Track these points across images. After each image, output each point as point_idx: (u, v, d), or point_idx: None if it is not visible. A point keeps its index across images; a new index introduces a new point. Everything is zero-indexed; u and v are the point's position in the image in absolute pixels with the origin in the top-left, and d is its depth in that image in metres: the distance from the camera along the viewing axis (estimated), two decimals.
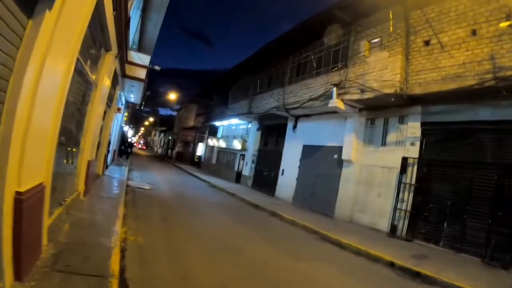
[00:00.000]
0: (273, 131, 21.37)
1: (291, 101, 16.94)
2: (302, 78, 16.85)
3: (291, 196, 17.22)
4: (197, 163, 38.43)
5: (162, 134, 75.50)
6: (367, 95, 12.52)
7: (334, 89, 13.68)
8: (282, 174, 18.60)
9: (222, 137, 30.70)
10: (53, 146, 4.69)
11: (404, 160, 11.69)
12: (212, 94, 33.47)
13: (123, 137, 32.94)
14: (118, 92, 16.12)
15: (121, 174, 17.25)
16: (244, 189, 20.82)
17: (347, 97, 13.33)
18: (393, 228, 11.52)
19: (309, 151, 16.81)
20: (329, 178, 14.98)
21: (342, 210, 13.84)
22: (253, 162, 22.74)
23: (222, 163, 29.89)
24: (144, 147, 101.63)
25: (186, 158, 44.25)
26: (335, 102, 13.45)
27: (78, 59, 5.40)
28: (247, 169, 23.37)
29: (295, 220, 12.00)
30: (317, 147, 16.26)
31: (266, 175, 20.85)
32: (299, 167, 17.24)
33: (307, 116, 17.42)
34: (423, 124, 11.49)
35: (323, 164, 15.62)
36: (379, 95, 11.99)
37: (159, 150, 74.67)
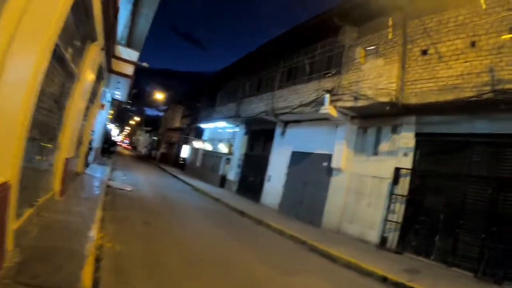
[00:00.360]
0: (260, 136, 20.95)
1: (281, 106, 16.55)
2: (293, 83, 16.48)
3: (277, 203, 16.77)
4: (181, 165, 37.72)
5: (147, 135, 74.37)
6: (361, 103, 12.19)
7: (327, 95, 13.34)
8: (269, 180, 18.15)
9: (208, 140, 30.12)
10: (21, 140, 4.09)
11: (397, 170, 11.38)
12: (200, 96, 32.90)
13: (106, 135, 32.06)
14: (103, 88, 15.49)
15: (103, 173, 16.53)
16: (229, 194, 20.31)
17: (340, 104, 12.98)
18: (383, 240, 11.17)
19: (297, 158, 16.41)
20: (317, 186, 14.60)
21: (330, 219, 13.45)
22: (238, 166, 22.24)
23: (207, 167, 29.29)
24: (129, 147, 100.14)
25: (170, 160, 43.48)
26: (327, 109, 13.10)
27: (57, 45, 4.86)
28: (232, 174, 22.86)
29: (282, 229, 11.55)
30: (306, 154, 15.87)
31: (251, 180, 20.37)
32: (286, 174, 16.83)
33: (297, 122, 17.04)
34: (417, 134, 11.20)
35: (312, 171, 15.24)
36: (374, 103, 11.67)
37: (143, 151, 73.51)
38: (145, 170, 28.96)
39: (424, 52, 10.88)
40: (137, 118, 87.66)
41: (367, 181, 12.59)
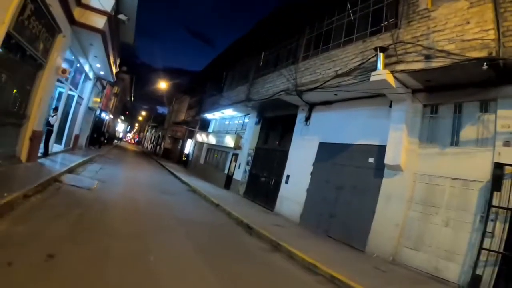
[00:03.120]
0: (276, 125, 16.49)
1: (307, 81, 12.11)
2: (325, 50, 12.04)
3: (297, 214, 12.28)
4: (184, 162, 33.50)
5: (153, 130, 70.56)
6: (437, 63, 7.81)
7: (380, 55, 8.88)
8: (287, 182, 13.66)
9: (213, 132, 25.76)
10: None
11: (498, 168, 7.12)
12: (206, 82, 28.53)
13: (96, 124, 27.97)
14: (64, 48, 11.17)
15: (64, 164, 12.28)
16: (234, 198, 15.90)
17: (401, 67, 8.59)
18: (475, 281, 6.88)
19: (328, 152, 11.91)
20: (359, 192, 10.15)
21: (381, 242, 9.00)
22: (247, 164, 17.79)
23: (211, 164, 24.92)
24: (133, 142, 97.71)
25: (174, 156, 39.36)
26: (382, 74, 8.65)
27: None
28: (240, 173, 18.41)
29: (314, 263, 7.00)
30: (341, 147, 11.37)
31: (263, 181, 15.90)
32: (312, 173, 12.32)
33: (326, 104, 12.61)
34: None
35: (350, 171, 10.75)
36: (460, 62, 7.28)
37: (149, 147, 69.82)
38: (139, 165, 24.70)
39: None
40: (143, 113, 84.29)
41: (442, 185, 8.30)
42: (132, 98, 53.26)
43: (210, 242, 7.22)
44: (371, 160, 10.12)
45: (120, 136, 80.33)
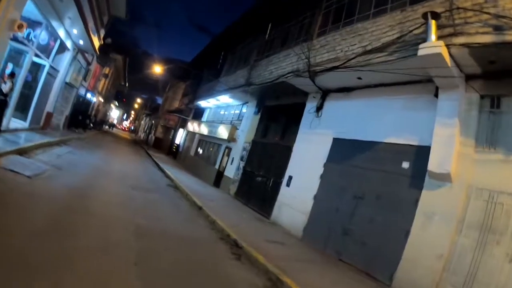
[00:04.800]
0: (279, 116, 13.98)
1: (323, 60, 9.63)
2: (348, 23, 9.54)
3: (300, 226, 9.80)
4: (174, 153, 30.96)
5: (147, 118, 67.90)
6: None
7: (432, 23, 6.44)
8: (288, 184, 11.17)
9: (206, 121, 23.23)
10: None
11: None
12: (203, 68, 25.94)
13: (80, 105, 25.43)
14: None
15: (15, 143, 9.82)
16: (223, 200, 13.44)
17: (461, 40, 6.18)
18: None
19: (344, 151, 9.42)
20: (387, 206, 7.71)
21: (415, 276, 6.57)
22: (242, 159, 15.29)
23: (202, 157, 22.38)
24: (126, 130, 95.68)
25: (165, 146, 36.76)
26: (436, 46, 6.23)
27: None
28: (232, 169, 15.90)
29: None
30: (363, 145, 8.90)
31: (259, 182, 13.39)
32: (322, 176, 9.82)
33: (344, 90, 10.16)
34: None
35: (374, 177, 8.27)
36: None
37: (142, 135, 67.22)
38: (121, 154, 22.12)
39: None
40: (138, 100, 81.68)
41: (507, 205, 5.90)
42: (126, 83, 50.43)
43: (172, 278, 4.68)
44: (405, 164, 7.68)
45: (114, 122, 77.87)
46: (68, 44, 15.59)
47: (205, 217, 9.22)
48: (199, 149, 23.64)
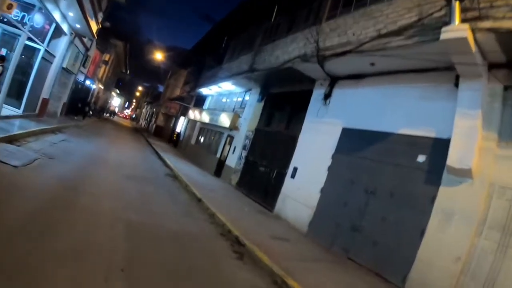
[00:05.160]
0: (284, 103, 13.37)
1: (333, 44, 9.00)
2: (361, 6, 8.82)
3: (305, 220, 9.27)
4: (175, 141, 30.41)
5: (148, 106, 67.25)
6: None
7: (456, 5, 5.80)
8: (293, 176, 10.63)
9: (207, 109, 22.63)
10: None
11: None
12: (205, 55, 25.21)
13: (79, 92, 24.86)
14: None
15: (4, 130, 9.28)
16: (224, 190, 12.95)
17: (487, 24, 5.59)
18: None
19: (354, 141, 8.83)
20: (400, 202, 7.17)
21: (430, 279, 6.06)
22: (244, 148, 14.74)
23: (203, 145, 21.82)
24: (127, 117, 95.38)
25: (166, 134, 36.24)
26: (461, 30, 5.63)
27: None
28: (234, 158, 15.36)
29: None
30: (374, 136, 8.31)
31: (262, 172, 12.86)
32: (330, 168, 9.26)
33: (354, 78, 9.53)
34: None
35: (387, 170, 7.71)
36: None
37: (143, 123, 66.66)
38: (120, 141, 21.61)
39: None
40: (141, 89, 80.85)
41: None
42: (128, 71, 49.66)
43: (165, 286, 4.15)
44: (421, 158, 7.11)
45: (115, 110, 77.20)
46: (65, 27, 14.93)
47: (204, 210, 8.70)
48: (200, 137, 23.08)
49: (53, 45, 15.21)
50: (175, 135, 31.33)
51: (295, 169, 10.59)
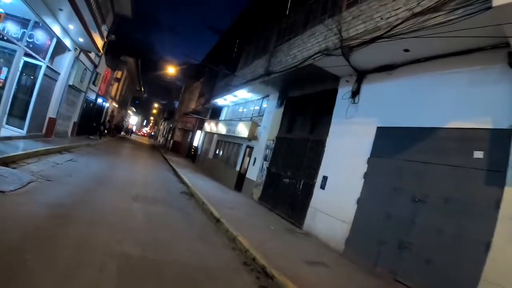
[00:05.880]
0: (306, 107, 12.14)
1: (359, 32, 7.76)
2: None
3: (341, 237, 7.95)
4: (193, 156, 29.43)
5: (165, 123, 66.96)
6: None
7: None
8: (323, 186, 9.34)
9: (223, 120, 21.58)
10: None
11: None
12: (218, 64, 24.25)
13: (91, 111, 24.27)
14: None
15: (1, 152, 8.41)
16: (246, 206, 11.75)
17: None
18: None
19: (393, 142, 7.53)
20: (457, 210, 5.81)
21: None
22: (265, 159, 13.56)
23: (221, 159, 20.71)
24: (145, 135, 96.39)
25: (184, 150, 35.39)
26: None
27: None
28: (255, 171, 14.16)
29: None
30: (417, 133, 7.01)
31: (287, 184, 11.61)
32: (366, 175, 7.96)
33: (385, 69, 8.25)
34: None
35: (438, 172, 6.37)
36: None
37: (161, 140, 66.32)
38: (134, 159, 20.72)
39: None
40: (157, 106, 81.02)
41: None
42: (142, 88, 49.46)
43: None
44: (478, 154, 5.77)
45: (133, 128, 77.40)
46: (67, 42, 14.20)
47: (223, 232, 7.49)
48: (218, 150, 22.01)
49: (57, 62, 14.60)
50: (193, 150, 30.40)
51: (324, 179, 9.30)
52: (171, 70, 32.71)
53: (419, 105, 7.16)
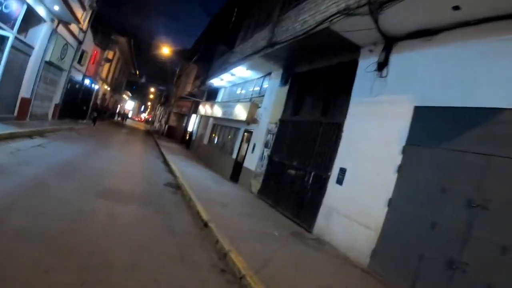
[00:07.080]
0: (316, 84, 10.25)
1: None
2: None
3: (365, 247, 6.19)
4: (187, 142, 27.62)
5: (161, 108, 65.01)
6: None
7: None
8: (340, 181, 7.52)
9: (220, 102, 19.71)
10: None
11: None
12: (214, 42, 22.25)
13: (77, 93, 22.34)
14: None
15: None
16: (242, 202, 10.02)
17: None
18: None
19: (437, 126, 5.71)
20: None
21: None
22: (266, 146, 11.76)
23: (217, 145, 18.87)
24: (142, 121, 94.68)
25: (178, 135, 33.54)
26: None
27: None
28: (254, 159, 12.37)
29: None
30: (470, 115, 5.19)
31: (293, 176, 9.80)
32: (400, 168, 6.13)
33: (422, 35, 6.38)
34: None
35: (503, 168, 4.58)
36: None
37: (157, 125, 64.52)
38: (122, 145, 18.90)
39: None
40: (154, 91, 79.04)
41: None
42: (137, 70, 47.34)
43: None
44: None
45: (129, 114, 75.41)
46: (41, 11, 12.30)
47: (212, 244, 5.65)
48: (213, 135, 20.13)
49: (31, 34, 12.82)
50: (187, 135, 28.57)
51: (342, 171, 7.48)
52: (165, 50, 30.90)
53: (471, 79, 5.33)
